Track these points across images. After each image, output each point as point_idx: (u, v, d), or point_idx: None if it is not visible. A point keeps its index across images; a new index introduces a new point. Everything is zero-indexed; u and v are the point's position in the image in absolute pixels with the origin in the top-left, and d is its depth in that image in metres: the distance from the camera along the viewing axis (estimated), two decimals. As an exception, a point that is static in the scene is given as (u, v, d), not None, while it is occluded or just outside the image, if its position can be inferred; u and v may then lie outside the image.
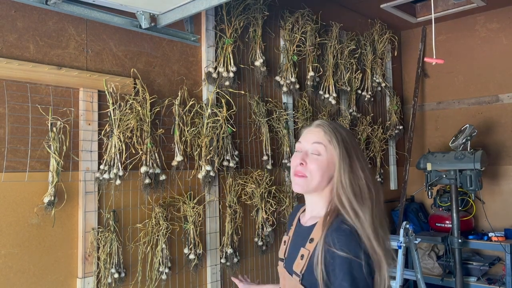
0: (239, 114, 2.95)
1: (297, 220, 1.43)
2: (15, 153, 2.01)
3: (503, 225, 3.89)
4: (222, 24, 2.84)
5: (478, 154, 3.36)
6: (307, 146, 1.33)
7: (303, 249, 1.26)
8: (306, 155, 1.31)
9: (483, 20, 4.20)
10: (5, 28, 2.02)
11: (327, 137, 1.30)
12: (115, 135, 2.26)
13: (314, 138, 1.32)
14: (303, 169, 1.30)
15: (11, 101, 2.01)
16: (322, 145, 1.30)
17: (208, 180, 2.63)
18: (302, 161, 1.30)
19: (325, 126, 1.33)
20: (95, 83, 2.25)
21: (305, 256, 1.24)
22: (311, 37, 3.35)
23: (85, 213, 2.19)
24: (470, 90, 4.27)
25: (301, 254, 1.26)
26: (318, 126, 1.34)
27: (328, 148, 1.29)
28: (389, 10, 3.99)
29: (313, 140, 1.32)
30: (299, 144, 1.36)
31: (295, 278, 1.26)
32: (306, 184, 1.31)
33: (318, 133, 1.32)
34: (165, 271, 2.43)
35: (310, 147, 1.32)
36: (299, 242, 1.32)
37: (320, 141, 1.30)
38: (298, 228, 1.40)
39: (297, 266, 1.26)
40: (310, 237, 1.26)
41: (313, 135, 1.33)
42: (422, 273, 3.29)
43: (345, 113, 3.73)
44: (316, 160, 1.30)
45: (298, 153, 1.34)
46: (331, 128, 1.32)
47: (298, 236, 1.36)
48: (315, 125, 1.35)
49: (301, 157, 1.31)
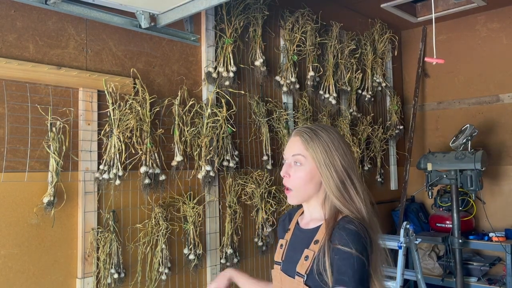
0: (239, 114, 2.94)
1: (295, 223, 1.43)
2: (14, 153, 2.01)
3: (504, 225, 3.88)
4: (222, 24, 2.83)
5: (478, 154, 3.36)
6: (289, 157, 1.35)
7: (308, 250, 1.27)
8: (290, 167, 1.34)
9: (484, 20, 4.20)
10: (4, 28, 2.02)
11: (304, 146, 1.31)
12: (114, 135, 2.26)
13: (293, 150, 1.34)
14: (287, 182, 1.34)
15: (10, 101, 2.01)
16: (301, 156, 1.31)
17: (208, 180, 2.62)
18: (286, 174, 1.34)
19: (302, 135, 1.33)
20: (94, 83, 2.25)
21: (310, 257, 1.25)
22: (311, 36, 3.34)
23: (84, 213, 2.19)
24: (471, 90, 4.26)
25: (305, 255, 1.27)
26: (295, 135, 1.35)
27: (308, 157, 1.31)
28: (390, 9, 3.98)
29: (292, 152, 1.34)
30: (284, 155, 1.38)
31: (298, 279, 1.26)
32: (296, 196, 1.34)
33: (296, 143, 1.34)
34: (165, 271, 2.43)
35: (291, 158, 1.34)
36: (300, 245, 1.33)
37: (298, 152, 1.32)
38: (298, 231, 1.40)
39: (301, 267, 1.27)
40: (315, 238, 1.28)
41: (292, 145, 1.35)
42: (422, 274, 3.28)
43: (345, 113, 3.73)
44: (299, 170, 1.32)
45: (284, 164, 1.37)
46: (309, 135, 1.32)
47: (299, 239, 1.37)
48: (293, 134, 1.37)
49: (285, 169, 1.34)
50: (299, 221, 1.43)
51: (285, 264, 1.36)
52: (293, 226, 1.43)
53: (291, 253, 1.36)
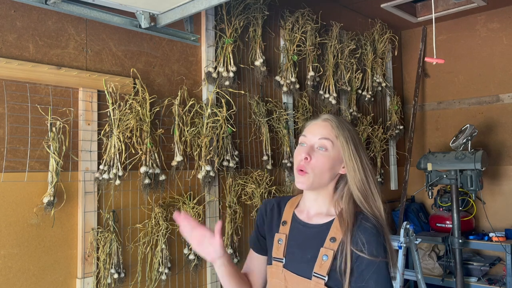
0: (239, 114, 2.94)
1: (291, 216, 1.34)
2: (14, 153, 2.01)
3: (504, 225, 3.88)
4: (222, 24, 2.83)
5: (478, 154, 3.36)
6: (313, 139, 1.27)
7: (325, 249, 1.21)
8: (312, 149, 1.26)
9: (484, 20, 4.20)
10: (4, 28, 2.01)
11: (334, 132, 1.25)
12: (114, 135, 2.26)
13: (321, 133, 1.26)
14: (306, 164, 1.24)
15: (10, 101, 2.01)
16: (330, 141, 1.25)
17: (208, 180, 2.62)
18: (307, 155, 1.24)
19: (332, 121, 1.27)
20: (94, 83, 2.25)
21: (330, 256, 1.19)
22: (311, 36, 3.34)
23: (84, 213, 2.19)
24: (471, 90, 4.26)
25: (323, 254, 1.21)
26: (326, 120, 1.28)
27: (335, 145, 1.25)
28: (390, 9, 3.98)
29: (321, 135, 1.26)
30: (304, 138, 1.29)
31: (317, 281, 1.20)
32: (309, 181, 1.25)
33: (325, 128, 1.27)
34: (165, 271, 2.43)
35: (317, 141, 1.26)
36: (309, 242, 1.26)
37: (327, 136, 1.25)
38: (301, 226, 1.31)
39: (320, 268, 1.20)
40: (331, 236, 1.22)
41: (320, 129, 1.27)
42: (422, 274, 3.28)
43: (345, 113, 3.73)
44: (322, 155, 1.25)
45: (302, 147, 1.28)
46: (339, 123, 1.27)
47: (304, 235, 1.29)
48: (322, 118, 1.29)
49: (306, 151, 1.25)
50: (297, 214, 1.34)
51: (290, 262, 1.27)
52: (290, 219, 1.34)
53: (297, 250, 1.28)
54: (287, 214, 1.36)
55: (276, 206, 1.40)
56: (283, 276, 1.27)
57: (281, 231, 1.33)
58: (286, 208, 1.37)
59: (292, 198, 1.41)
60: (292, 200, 1.40)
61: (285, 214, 1.36)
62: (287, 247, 1.30)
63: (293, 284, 1.25)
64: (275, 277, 1.30)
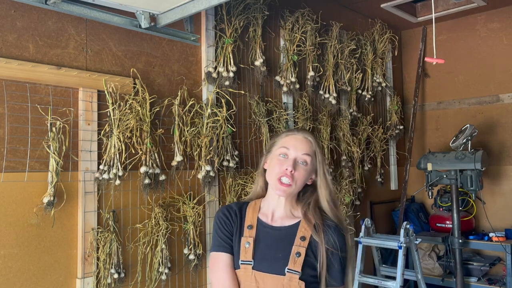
0: (239, 114, 2.94)
1: (256, 220, 1.43)
2: (14, 153, 2.01)
3: (504, 225, 3.88)
4: (222, 24, 2.83)
5: (478, 154, 3.35)
6: (295, 154, 1.42)
7: (297, 247, 1.36)
8: (295, 163, 1.41)
9: (484, 20, 4.20)
10: (4, 27, 2.02)
11: (314, 148, 1.45)
12: (114, 135, 2.26)
13: (304, 149, 1.43)
14: (291, 177, 1.39)
15: (10, 101, 2.01)
16: (310, 157, 1.43)
17: (208, 180, 2.62)
18: (293, 169, 1.39)
19: (312, 139, 1.46)
20: (94, 83, 2.25)
21: (302, 253, 1.34)
22: (311, 36, 3.34)
23: (84, 213, 2.19)
24: (471, 90, 4.26)
25: (295, 252, 1.35)
26: (306, 138, 1.46)
27: (312, 159, 1.44)
28: (390, 9, 3.98)
29: (303, 151, 1.43)
30: (286, 150, 1.43)
31: (291, 276, 1.32)
32: (290, 191, 1.41)
33: (307, 144, 1.44)
34: (165, 271, 2.43)
35: (300, 156, 1.42)
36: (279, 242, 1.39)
37: (309, 152, 1.43)
38: (269, 228, 1.42)
39: (294, 264, 1.33)
40: (300, 235, 1.38)
41: (303, 145, 1.44)
42: (422, 274, 3.28)
43: (345, 113, 3.73)
44: (303, 169, 1.42)
45: (285, 159, 1.42)
46: (316, 142, 1.47)
47: (273, 237, 1.40)
48: (303, 135, 1.46)
49: (291, 164, 1.40)
50: (261, 217, 1.44)
51: (260, 263, 1.36)
52: (255, 223, 1.42)
53: (267, 251, 1.37)
54: (250, 218, 1.44)
55: (238, 211, 1.47)
56: (253, 278, 1.35)
57: (248, 235, 1.41)
58: (248, 213, 1.46)
59: (251, 203, 1.49)
60: (252, 204, 1.49)
61: (248, 218, 1.44)
62: (256, 249, 1.38)
63: (266, 283, 1.34)
64: (244, 280, 1.36)
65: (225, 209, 1.48)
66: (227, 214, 1.46)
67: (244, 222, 1.44)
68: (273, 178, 1.41)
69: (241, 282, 1.37)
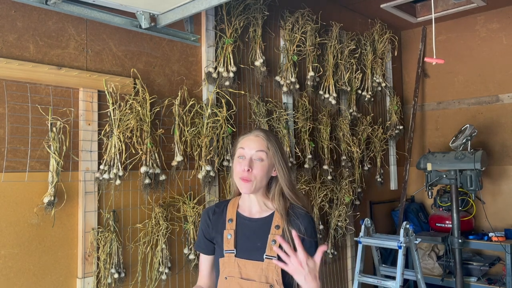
0: (239, 114, 2.94)
1: (235, 214, 1.60)
2: (15, 153, 2.01)
3: (503, 225, 3.89)
4: (222, 24, 2.84)
5: (478, 154, 3.36)
6: (250, 152, 1.54)
7: (272, 235, 1.51)
8: (251, 161, 1.53)
9: (483, 20, 4.20)
10: (5, 28, 2.02)
11: (266, 143, 1.55)
12: (115, 135, 2.26)
13: (256, 146, 1.54)
14: (248, 175, 1.51)
15: (11, 101, 2.01)
16: (264, 152, 1.54)
17: (208, 180, 2.63)
18: (249, 167, 1.52)
19: (263, 135, 1.56)
20: (95, 83, 2.25)
21: (277, 240, 1.44)
22: (311, 37, 3.34)
23: (85, 213, 2.19)
24: (470, 90, 4.27)
25: (271, 239, 1.50)
26: (257, 136, 1.56)
27: (268, 154, 1.54)
28: (389, 10, 3.99)
29: (257, 148, 1.54)
30: (242, 150, 1.55)
31: (269, 261, 1.48)
32: (252, 187, 1.53)
33: (259, 141, 1.55)
34: (165, 271, 2.43)
35: (254, 153, 1.53)
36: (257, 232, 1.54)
37: (262, 148, 1.54)
38: (247, 221, 1.58)
39: (271, 250, 1.48)
40: (275, 224, 1.53)
41: (255, 143, 1.55)
42: (422, 273, 3.29)
43: (345, 113, 3.73)
44: (260, 165, 1.53)
45: (243, 160, 1.54)
46: (267, 137, 1.56)
47: (251, 228, 1.56)
48: (254, 134, 1.57)
49: (247, 163, 1.52)
50: (241, 212, 1.60)
51: (242, 251, 1.53)
52: (235, 217, 1.59)
53: (246, 241, 1.54)
54: (231, 213, 1.62)
55: (217, 210, 1.66)
56: (236, 264, 1.52)
57: (229, 228, 1.58)
58: (228, 209, 1.63)
59: (231, 200, 1.66)
60: (232, 201, 1.66)
61: (229, 213, 1.62)
62: (237, 240, 1.55)
63: (247, 268, 1.51)
64: (228, 267, 1.53)
65: (204, 213, 1.68)
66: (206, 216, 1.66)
67: (226, 217, 1.61)
68: (236, 178, 1.56)
69: (225, 267, 1.54)
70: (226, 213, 1.62)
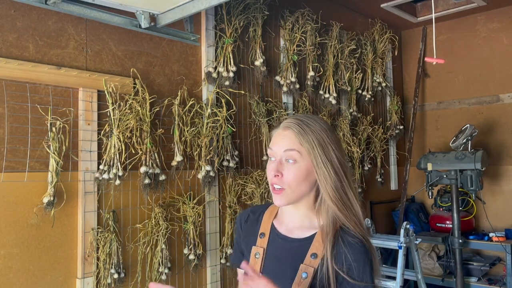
0: (239, 114, 2.94)
1: (270, 227, 1.25)
2: (14, 153, 2.01)
3: (504, 225, 3.88)
4: (222, 24, 2.83)
5: (478, 154, 3.35)
6: (279, 152, 1.17)
7: (305, 266, 1.13)
8: (281, 164, 1.16)
9: (484, 20, 4.20)
10: (4, 27, 2.01)
11: (298, 139, 1.15)
12: (114, 135, 2.26)
13: (285, 144, 1.16)
14: (279, 181, 1.16)
15: (10, 101, 2.01)
16: (295, 151, 1.15)
17: (208, 180, 2.62)
18: (277, 173, 1.15)
19: (294, 128, 1.16)
20: (94, 83, 2.25)
21: (309, 274, 1.12)
22: (311, 36, 3.34)
23: (84, 213, 2.19)
24: (471, 90, 4.26)
25: (302, 271, 1.13)
26: (287, 128, 1.18)
27: (303, 152, 1.14)
28: (390, 9, 3.98)
29: (285, 147, 1.16)
30: (271, 151, 1.19)
31: None
32: (287, 197, 1.16)
33: (288, 137, 1.16)
34: (165, 271, 2.43)
35: (283, 154, 1.16)
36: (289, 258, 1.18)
37: (292, 147, 1.15)
38: (280, 239, 1.22)
39: (299, 286, 1.12)
40: (311, 252, 1.14)
41: (283, 139, 1.17)
42: (422, 274, 3.28)
43: (345, 113, 3.73)
44: (293, 168, 1.15)
45: (272, 162, 1.19)
46: (301, 128, 1.16)
47: (284, 250, 1.20)
48: (283, 127, 1.19)
49: (275, 167, 1.16)
50: (276, 225, 1.25)
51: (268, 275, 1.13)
52: (268, 231, 1.25)
53: (275, 266, 1.19)
54: (265, 225, 1.27)
55: (251, 216, 1.32)
56: None
57: (259, 245, 1.24)
58: (264, 219, 1.28)
59: (270, 207, 1.31)
60: (270, 209, 1.30)
61: (263, 225, 1.27)
62: (265, 261, 1.21)
63: None
64: None
65: (237, 218, 1.37)
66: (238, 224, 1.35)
67: (259, 229, 1.27)
68: (270, 186, 1.19)
69: None
70: (261, 224, 1.28)
